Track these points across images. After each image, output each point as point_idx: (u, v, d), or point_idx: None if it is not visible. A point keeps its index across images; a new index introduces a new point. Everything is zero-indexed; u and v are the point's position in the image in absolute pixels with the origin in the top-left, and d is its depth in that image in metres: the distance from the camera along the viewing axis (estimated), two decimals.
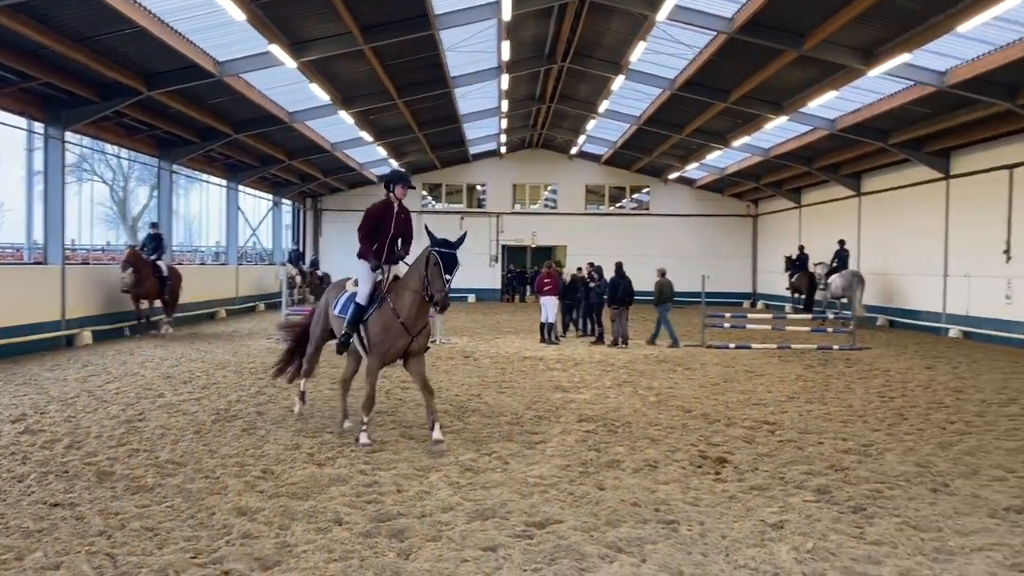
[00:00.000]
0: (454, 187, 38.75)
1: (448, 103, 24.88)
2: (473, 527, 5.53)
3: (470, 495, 6.30)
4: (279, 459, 7.40)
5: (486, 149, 35.94)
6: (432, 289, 7.69)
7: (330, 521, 5.63)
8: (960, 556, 5.13)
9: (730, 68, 19.70)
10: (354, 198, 37.34)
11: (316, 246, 37.24)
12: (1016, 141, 18.93)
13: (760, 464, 7.49)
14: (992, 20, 13.50)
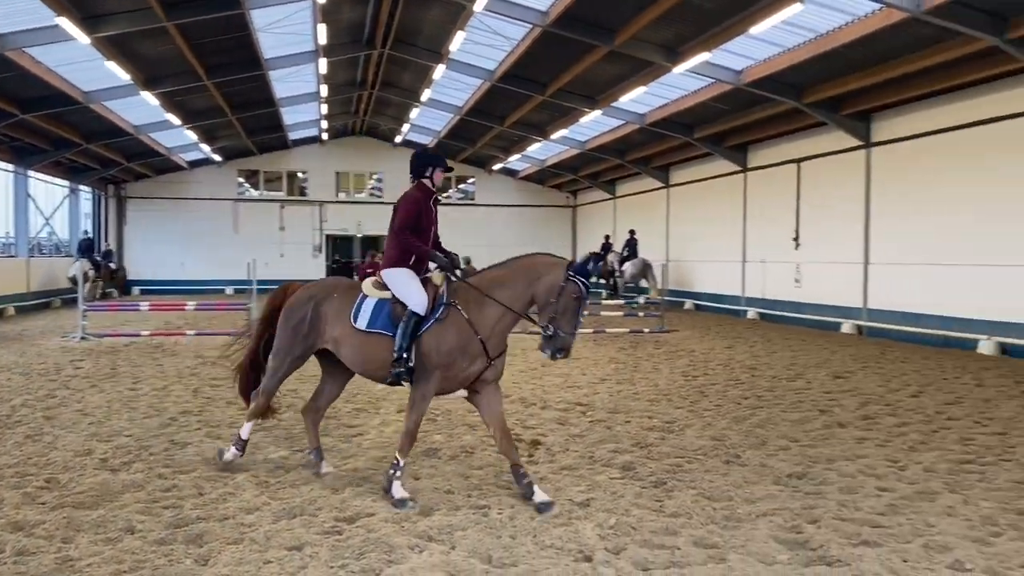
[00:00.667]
0: (273, 174, 37.30)
1: (263, 86, 23.88)
2: (279, 527, 5.33)
3: (278, 494, 6.07)
4: (67, 466, 6.81)
5: (307, 135, 34.85)
6: (560, 327, 5.95)
7: (121, 530, 5.24)
8: (747, 522, 5.51)
9: (547, 61, 20.17)
10: (162, 185, 35.14)
11: (120, 236, 34.71)
12: (803, 137, 20.65)
13: (571, 445, 7.73)
14: (781, 24, 14.61)
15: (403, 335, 6.08)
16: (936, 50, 14.06)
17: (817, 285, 20.24)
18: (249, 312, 17.74)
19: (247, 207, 36.32)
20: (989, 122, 14.92)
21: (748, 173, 23.59)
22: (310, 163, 37.11)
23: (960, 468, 6.94)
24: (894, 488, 6.34)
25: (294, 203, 36.95)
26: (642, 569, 4.68)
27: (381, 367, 6.22)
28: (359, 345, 6.30)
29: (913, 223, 16.92)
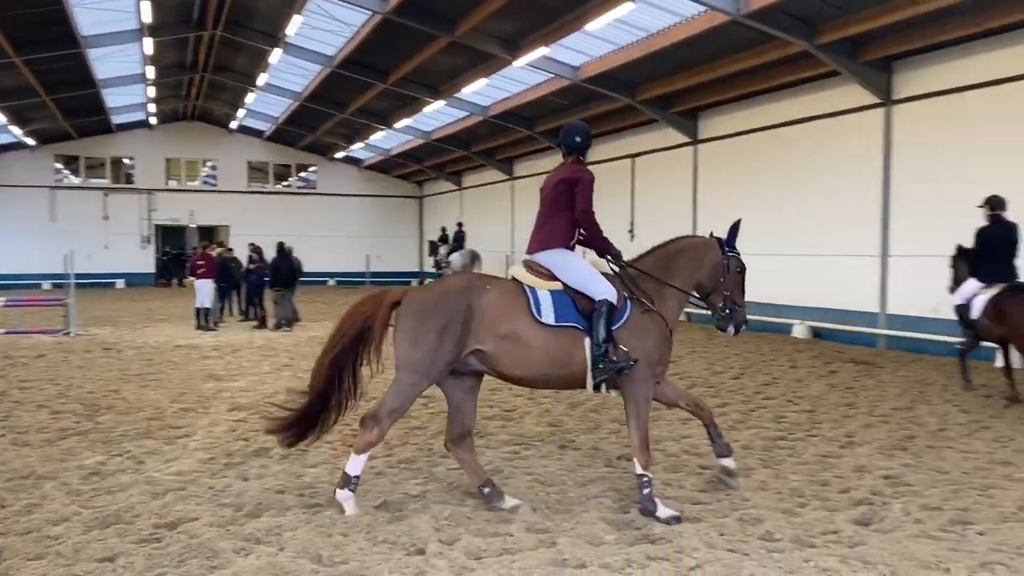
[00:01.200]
0: (96, 160, 34.79)
1: (81, 65, 22.19)
2: (90, 537, 4.96)
3: (91, 502, 5.66)
4: None
5: (133, 119, 32.75)
6: (736, 302, 5.87)
7: None
8: (578, 505, 5.66)
9: (388, 49, 19.91)
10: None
11: None
12: (637, 133, 21.49)
13: (410, 438, 7.68)
14: (615, 22, 15.10)
15: (603, 328, 5.36)
16: (755, 53, 14.98)
17: None
18: (67, 308, 16.50)
19: (66, 195, 33.69)
20: (800, 122, 16.06)
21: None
22: (137, 148, 34.90)
23: (773, 444, 7.44)
24: (713, 466, 6.69)
25: (119, 191, 34.66)
26: (475, 558, 4.70)
27: (568, 367, 5.46)
28: (544, 343, 5.41)
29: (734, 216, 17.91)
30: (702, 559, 4.66)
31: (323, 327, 17.98)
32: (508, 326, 5.40)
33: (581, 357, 5.42)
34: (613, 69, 17.27)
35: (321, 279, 35.73)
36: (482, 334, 5.38)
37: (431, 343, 5.34)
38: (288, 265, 17.78)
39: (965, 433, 7.84)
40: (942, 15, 12.07)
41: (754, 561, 4.63)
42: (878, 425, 8.24)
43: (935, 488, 6.05)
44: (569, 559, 4.65)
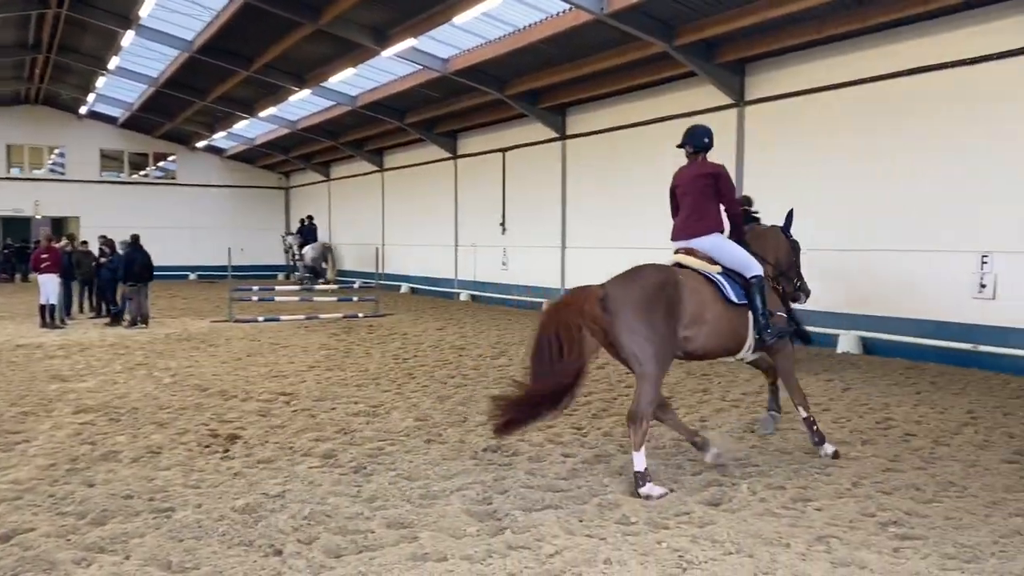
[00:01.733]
0: None
1: None
2: None
3: None
4: None
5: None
6: (800, 278, 7.47)
7: None
8: (441, 499, 5.67)
9: (251, 35, 19.23)
10: None
11: None
12: (507, 127, 21.67)
13: (271, 436, 7.47)
14: (483, 16, 15.16)
15: (762, 302, 6.30)
16: (618, 52, 15.40)
17: (522, 268, 21.43)
18: None
19: None
20: (661, 120, 16.62)
21: (458, 160, 24.31)
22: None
23: None
24: (576, 453, 6.87)
25: None
26: (334, 557, 4.62)
27: (742, 339, 6.34)
28: (731, 321, 6.23)
29: (599, 212, 18.46)
30: (561, 545, 4.77)
31: (181, 324, 17.25)
32: (710, 311, 6.12)
33: (747, 328, 6.33)
34: (482, 63, 17.33)
35: (182, 273, 34.21)
36: (687, 321, 6.00)
37: (663, 334, 5.83)
38: (142, 259, 16.88)
39: None
40: (789, 21, 12.79)
41: (610, 545, 4.78)
42: (729, 410, 8.68)
43: (779, 468, 6.42)
44: (430, 553, 4.65)
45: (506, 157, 21.99)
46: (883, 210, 12.46)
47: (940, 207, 11.77)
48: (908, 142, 12.19)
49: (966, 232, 11.43)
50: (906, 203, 12.20)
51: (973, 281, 11.37)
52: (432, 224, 25.73)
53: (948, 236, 11.66)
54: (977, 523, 5.16)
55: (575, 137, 19.34)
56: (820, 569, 4.43)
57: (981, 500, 5.62)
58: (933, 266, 11.87)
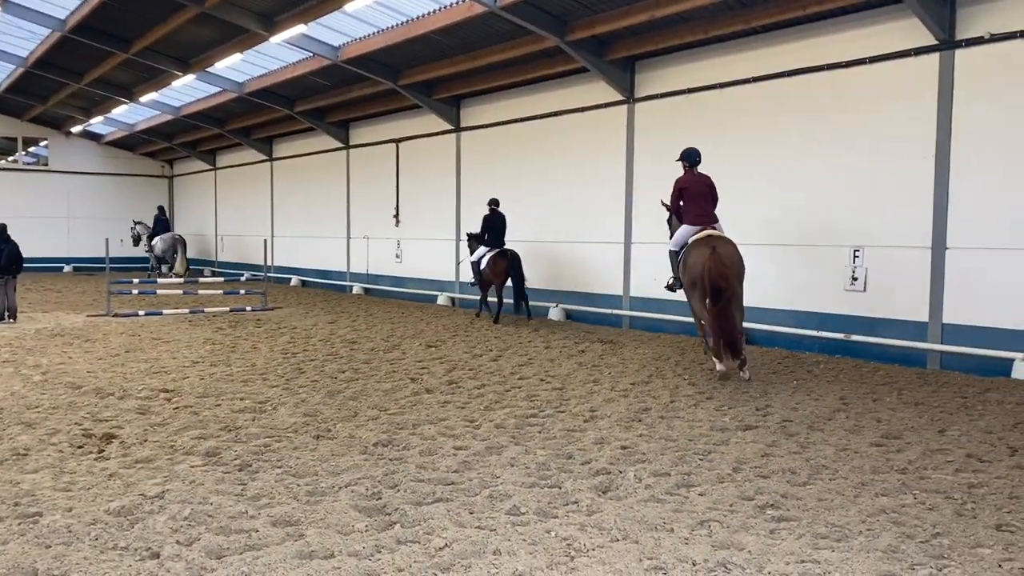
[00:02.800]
0: None
1: None
2: None
3: None
4: None
5: None
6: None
7: None
8: (330, 495, 5.57)
9: (130, 16, 18.29)
10: None
11: None
12: (402, 118, 21.43)
13: (150, 435, 7.16)
14: (375, 4, 14.91)
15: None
16: (513, 45, 15.44)
17: (416, 260, 21.27)
18: None
19: None
20: (554, 115, 16.81)
21: (351, 150, 23.89)
22: None
23: (525, 422, 7.77)
24: (469, 446, 6.88)
25: None
26: (216, 558, 4.47)
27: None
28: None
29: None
30: (451, 538, 4.76)
31: (54, 318, 16.32)
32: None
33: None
34: (375, 52, 17.05)
35: (56, 265, 32.37)
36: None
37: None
38: (11, 250, 15.85)
39: (692, 404, 8.65)
40: (678, 20, 13.13)
41: (500, 536, 4.81)
42: (618, 399, 8.87)
43: (664, 455, 6.61)
44: (317, 550, 4.56)
45: (400, 148, 21.75)
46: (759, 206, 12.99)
47: (816, 204, 12.37)
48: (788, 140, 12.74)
49: (840, 227, 12.04)
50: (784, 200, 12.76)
51: (846, 274, 12.00)
52: (324, 215, 25.22)
53: (823, 231, 12.27)
54: (847, 504, 5.46)
55: (470, 129, 19.31)
56: (702, 552, 4.58)
57: (850, 482, 5.94)
58: (812, 260, 12.46)
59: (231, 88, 22.22)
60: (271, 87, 21.34)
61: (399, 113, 21.38)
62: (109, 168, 34.95)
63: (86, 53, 21.63)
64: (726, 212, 10.95)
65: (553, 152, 17.03)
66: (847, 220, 11.96)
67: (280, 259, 27.16)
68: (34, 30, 20.95)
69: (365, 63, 17.80)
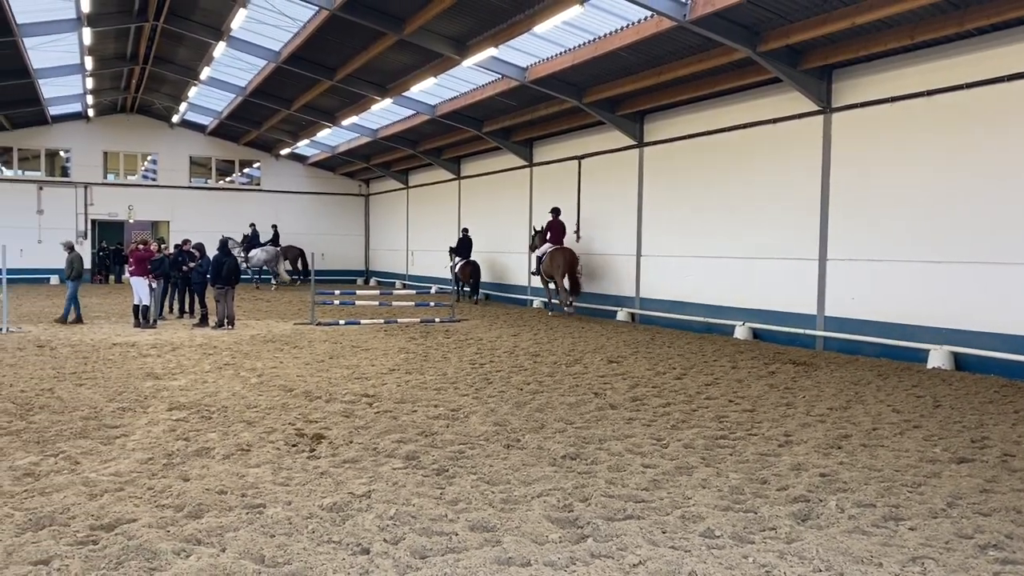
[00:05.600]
0: (30, 152, 33.66)
1: (15, 55, 21.46)
2: (23, 540, 4.82)
3: (24, 504, 5.50)
4: None
5: (70, 111, 31.80)
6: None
7: None
8: (523, 504, 5.70)
9: (336, 46, 19.72)
10: None
11: None
12: (584, 135, 21.66)
13: (355, 437, 7.63)
14: (563, 24, 15.20)
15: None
16: (700, 58, 15.23)
17: (596, 275, 21.34)
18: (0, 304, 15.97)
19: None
20: (744, 127, 16.39)
21: (534, 168, 24.39)
22: (74, 141, 33.89)
23: (715, 443, 7.59)
24: (657, 464, 6.81)
25: (54, 184, 33.61)
26: (420, 557, 4.70)
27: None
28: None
29: (678, 219, 18.28)
30: (644, 556, 4.74)
31: (265, 326, 17.75)
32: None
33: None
34: (561, 71, 17.38)
35: (266, 277, 35.24)
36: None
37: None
38: (230, 263, 17.48)
39: (897, 432, 8.11)
40: (877, 27, 12.45)
41: (695, 557, 4.73)
42: (815, 424, 8.47)
43: (868, 485, 6.24)
44: (514, 557, 4.68)
45: (582, 164, 21.97)
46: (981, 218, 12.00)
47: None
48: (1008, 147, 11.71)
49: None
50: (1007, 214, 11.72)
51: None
52: (507, 230, 25.88)
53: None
54: None
55: (653, 144, 19.20)
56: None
57: None
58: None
59: (424, 111, 23.36)
60: (461, 109, 22.22)
61: (581, 130, 21.62)
62: (312, 187, 37.69)
63: (296, 82, 23.54)
64: (927, 227, 10.19)
65: (740, 165, 16.60)
66: None
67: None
68: (253, 62, 23.06)
69: (551, 82, 18.15)
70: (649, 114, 19.16)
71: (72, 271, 17.82)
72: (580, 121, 20.76)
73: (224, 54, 22.30)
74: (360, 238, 38.47)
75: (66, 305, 17.68)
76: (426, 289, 25.99)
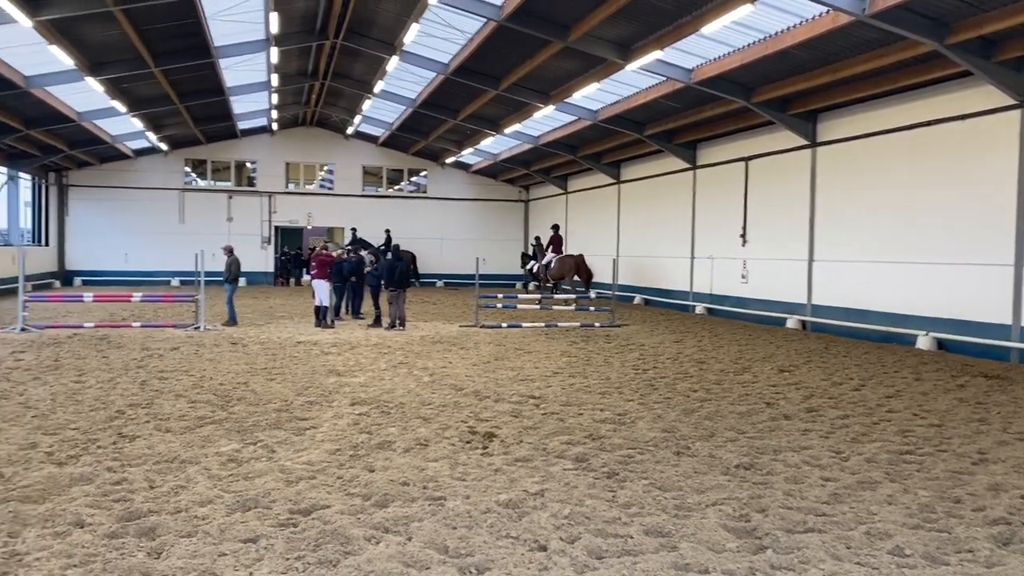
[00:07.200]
0: (221, 164, 36.63)
1: (212, 74, 23.42)
2: (233, 519, 5.30)
3: (231, 487, 6.03)
4: (11, 460, 6.66)
5: (256, 125, 34.32)
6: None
7: (70, 524, 5.16)
8: (697, 511, 5.65)
9: (501, 55, 20.19)
10: (107, 174, 34.30)
11: (61, 225, 33.82)
12: (751, 136, 21.04)
13: (525, 437, 7.81)
14: (732, 24, 14.84)
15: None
16: (880, 53, 14.43)
17: (763, 281, 20.66)
18: (197, 304, 17.47)
19: (193, 197, 35.62)
20: (928, 124, 15.39)
21: (697, 170, 23.95)
22: (259, 153, 36.54)
23: (900, 458, 7.19)
24: (837, 478, 6.54)
25: (242, 193, 36.36)
26: (596, 557, 4.76)
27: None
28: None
29: (855, 222, 17.38)
30: (829, 571, 4.59)
31: (433, 327, 18.42)
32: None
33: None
34: (728, 71, 16.96)
35: (430, 280, 36.55)
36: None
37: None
38: (402, 267, 18.28)
39: None
40: None
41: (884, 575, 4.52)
42: (1013, 443, 7.84)
43: None
44: (691, 564, 4.65)
45: (748, 166, 21.35)
46: None
47: None
48: None
49: None
50: None
51: None
52: (668, 235, 25.53)
53: None
54: None
55: (827, 144, 18.37)
56: None
57: None
58: None
59: (585, 116, 23.48)
60: (623, 113, 22.17)
61: (748, 131, 21.01)
62: (474, 194, 38.73)
63: (463, 92, 24.28)
64: None
65: (924, 164, 15.59)
66: None
67: (624, 278, 27.96)
68: (422, 75, 24.01)
69: (717, 83, 17.78)
70: (822, 113, 18.36)
71: (229, 274, 18.84)
72: (747, 122, 20.20)
73: (396, 68, 23.34)
74: (519, 243, 39.09)
75: (228, 309, 18.68)
76: (585, 294, 26.10)
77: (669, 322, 20.72)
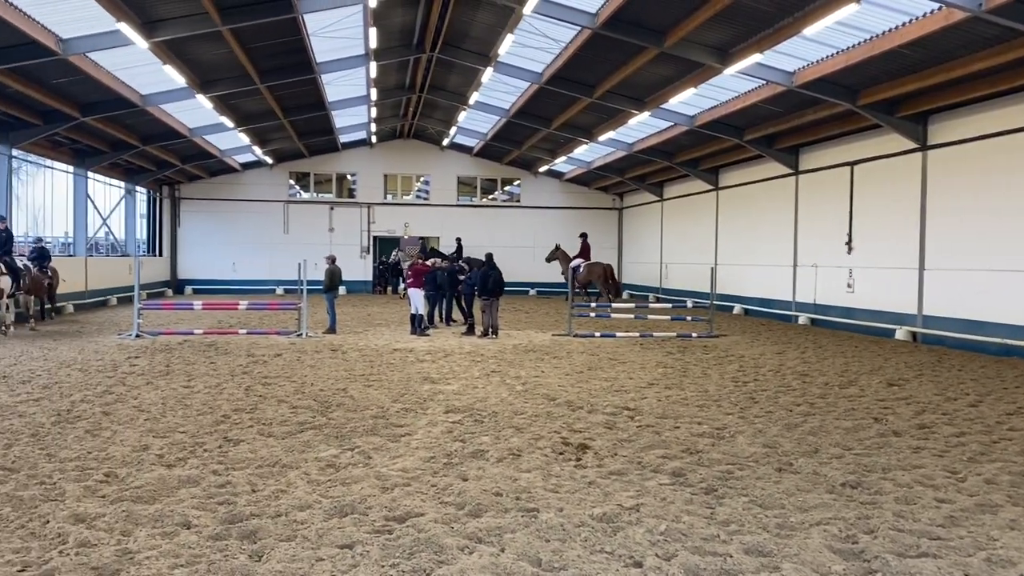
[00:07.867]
0: (323, 176, 37.81)
1: (314, 90, 24.22)
2: (330, 525, 5.39)
3: (329, 492, 6.14)
4: (125, 461, 6.98)
5: (356, 138, 35.28)
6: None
7: (177, 525, 5.35)
8: (800, 531, 5.41)
9: (595, 63, 20.10)
10: (216, 186, 35.88)
11: (174, 236, 35.55)
12: (857, 140, 20.25)
13: (619, 449, 7.68)
14: (835, 24, 14.34)
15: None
16: (998, 50, 13.65)
17: (870, 290, 19.82)
18: (299, 312, 18.02)
19: (297, 208, 36.87)
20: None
21: (800, 176, 23.21)
22: (359, 165, 37.52)
23: (1023, 481, 6.72)
24: (953, 499, 6.17)
25: (343, 205, 37.38)
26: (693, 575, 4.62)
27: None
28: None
29: (972, 228, 16.47)
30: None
31: (526, 336, 18.43)
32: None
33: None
34: (832, 73, 16.37)
35: (523, 288, 36.63)
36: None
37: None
38: (496, 276, 18.39)
39: None
40: None
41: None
42: None
43: None
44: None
45: (854, 171, 20.54)
46: None
47: None
48: None
49: None
50: None
51: None
52: (768, 243, 24.82)
53: None
54: None
55: (940, 147, 17.49)
56: None
57: None
58: None
59: (682, 122, 23.11)
60: (721, 118, 21.72)
61: (853, 135, 20.23)
62: (567, 202, 38.67)
63: (556, 101, 24.31)
64: None
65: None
66: None
67: (723, 287, 27.33)
68: (516, 85, 24.16)
69: (820, 86, 17.20)
70: (934, 114, 17.51)
71: (329, 283, 19.25)
72: (852, 125, 19.46)
73: (491, 79, 23.56)
74: (613, 251, 38.76)
75: (329, 317, 19.07)
76: (681, 303, 25.60)
77: (770, 333, 20.12)
